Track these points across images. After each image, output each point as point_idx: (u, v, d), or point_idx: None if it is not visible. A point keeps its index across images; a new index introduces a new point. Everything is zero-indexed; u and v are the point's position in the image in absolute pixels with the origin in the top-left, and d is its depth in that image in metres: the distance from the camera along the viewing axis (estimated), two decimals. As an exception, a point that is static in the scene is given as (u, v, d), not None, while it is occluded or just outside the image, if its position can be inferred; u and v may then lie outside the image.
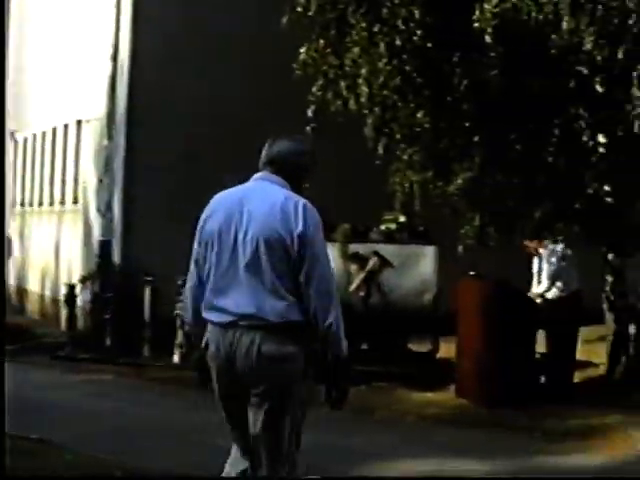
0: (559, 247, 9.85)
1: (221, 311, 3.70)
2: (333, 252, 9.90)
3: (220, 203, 3.88)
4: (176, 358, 10.61)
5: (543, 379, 9.59)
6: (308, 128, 9.49)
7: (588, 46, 8.32)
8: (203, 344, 3.78)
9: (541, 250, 9.75)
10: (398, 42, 8.98)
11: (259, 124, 12.15)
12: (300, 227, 3.65)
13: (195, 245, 3.88)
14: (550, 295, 9.64)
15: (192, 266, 3.88)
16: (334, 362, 3.66)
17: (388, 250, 9.95)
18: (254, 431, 3.69)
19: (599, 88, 8.81)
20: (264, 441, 3.67)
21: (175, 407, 8.39)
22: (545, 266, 9.71)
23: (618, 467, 7.02)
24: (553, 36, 8.62)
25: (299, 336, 3.67)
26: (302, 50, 9.66)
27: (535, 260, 9.89)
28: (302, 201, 3.74)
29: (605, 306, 10.83)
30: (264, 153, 3.90)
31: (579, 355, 9.97)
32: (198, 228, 3.88)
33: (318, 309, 3.63)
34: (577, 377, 9.86)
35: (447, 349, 10.19)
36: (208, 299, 3.75)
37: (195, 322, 3.86)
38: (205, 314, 3.76)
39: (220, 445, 6.85)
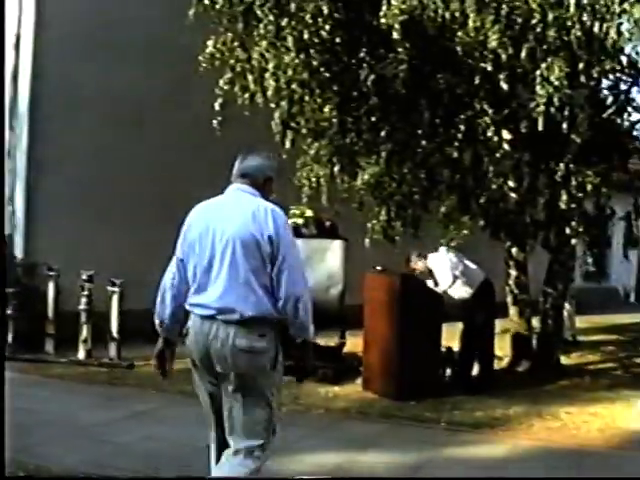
0: (442, 250, 9.95)
1: (202, 306, 4.27)
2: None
3: (200, 212, 4.49)
4: (81, 354, 10.44)
5: (449, 372, 9.67)
6: (215, 122, 9.45)
7: (493, 44, 8.45)
8: (184, 331, 4.38)
9: (428, 263, 9.78)
10: (306, 36, 8.98)
11: (166, 117, 12.11)
12: (271, 229, 4.23)
13: (179, 247, 4.48)
14: (456, 292, 9.72)
15: (174, 267, 4.47)
16: (301, 344, 4.31)
17: (295, 245, 9.89)
18: (230, 414, 4.27)
19: (504, 85, 8.97)
20: (239, 422, 4.25)
21: (78, 404, 8.24)
22: (439, 270, 9.74)
23: (521, 456, 7.17)
24: (459, 33, 8.74)
25: (269, 328, 4.24)
26: (209, 43, 9.62)
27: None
28: (271, 207, 4.34)
29: (509, 300, 11.07)
30: (237, 166, 4.50)
31: (483, 348, 10.07)
32: (182, 233, 4.48)
33: (290, 297, 4.20)
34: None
35: (355, 343, 10.24)
36: (192, 295, 4.36)
37: (172, 313, 4.45)
38: (189, 307, 4.36)
39: (122, 442, 6.84)
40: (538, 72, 8.44)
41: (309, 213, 10.09)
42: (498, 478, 6.08)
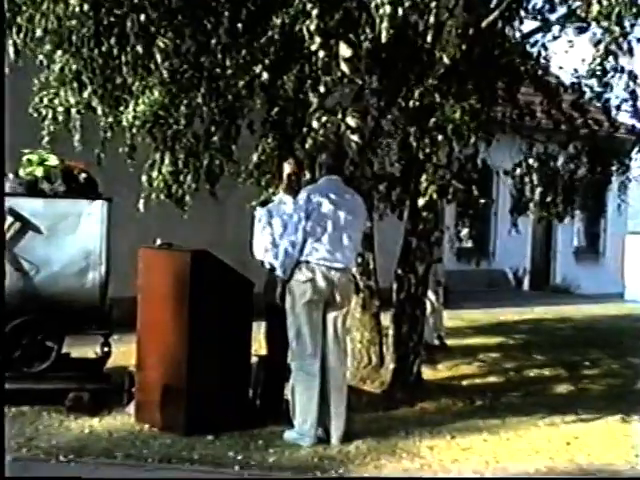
0: None
1: (335, 262, 8.87)
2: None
3: (312, 191, 8.72)
4: None
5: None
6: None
7: None
8: (306, 279, 8.57)
9: None
10: None
11: None
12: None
13: (301, 217, 8.57)
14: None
15: (300, 231, 8.58)
16: None
17: (33, 207, 9.37)
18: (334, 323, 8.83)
19: None
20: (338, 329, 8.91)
21: None
22: None
23: None
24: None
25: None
26: None
27: None
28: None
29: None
30: (326, 162, 8.96)
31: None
32: (303, 206, 8.58)
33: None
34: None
35: (125, 352, 10.30)
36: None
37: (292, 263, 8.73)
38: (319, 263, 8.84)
39: None
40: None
41: (53, 161, 9.48)
42: (499, 478, 6.86)
